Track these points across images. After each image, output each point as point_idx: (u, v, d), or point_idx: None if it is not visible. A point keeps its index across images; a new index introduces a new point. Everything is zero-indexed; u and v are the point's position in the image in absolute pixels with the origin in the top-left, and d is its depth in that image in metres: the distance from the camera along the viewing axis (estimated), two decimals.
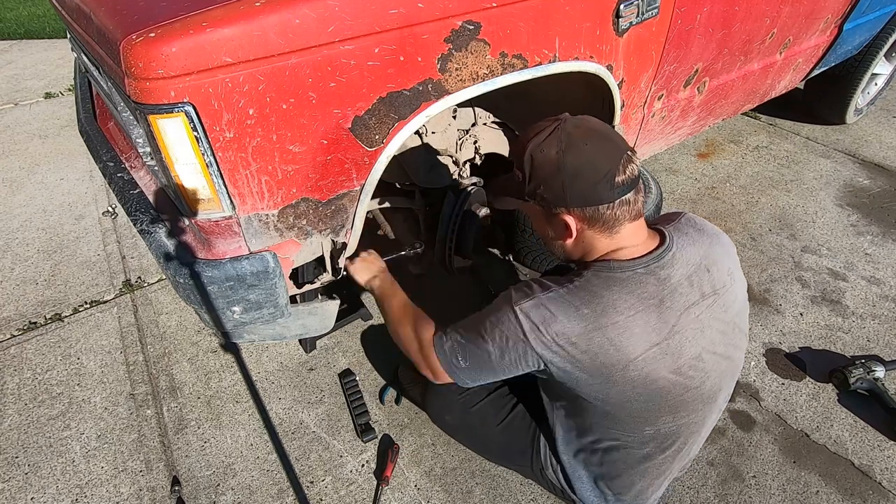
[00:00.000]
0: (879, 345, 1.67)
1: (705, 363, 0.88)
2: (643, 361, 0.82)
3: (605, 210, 0.83)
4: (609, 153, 0.82)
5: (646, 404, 0.87)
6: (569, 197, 0.83)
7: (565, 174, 0.82)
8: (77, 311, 1.82)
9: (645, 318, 0.82)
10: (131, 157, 1.28)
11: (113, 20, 0.85)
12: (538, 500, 1.30)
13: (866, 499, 1.29)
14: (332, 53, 0.85)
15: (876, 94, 2.85)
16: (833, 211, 2.25)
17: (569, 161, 0.81)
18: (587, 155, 0.81)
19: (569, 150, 0.81)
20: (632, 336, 0.82)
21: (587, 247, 0.89)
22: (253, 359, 1.65)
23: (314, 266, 1.16)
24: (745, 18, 1.51)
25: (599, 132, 0.84)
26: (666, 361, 0.84)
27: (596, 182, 0.81)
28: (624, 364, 0.82)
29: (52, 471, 1.37)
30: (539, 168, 0.85)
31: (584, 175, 0.81)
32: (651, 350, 0.82)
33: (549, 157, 0.83)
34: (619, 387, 0.84)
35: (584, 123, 0.85)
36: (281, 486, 1.33)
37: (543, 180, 0.84)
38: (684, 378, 0.86)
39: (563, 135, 0.83)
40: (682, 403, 0.88)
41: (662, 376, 0.84)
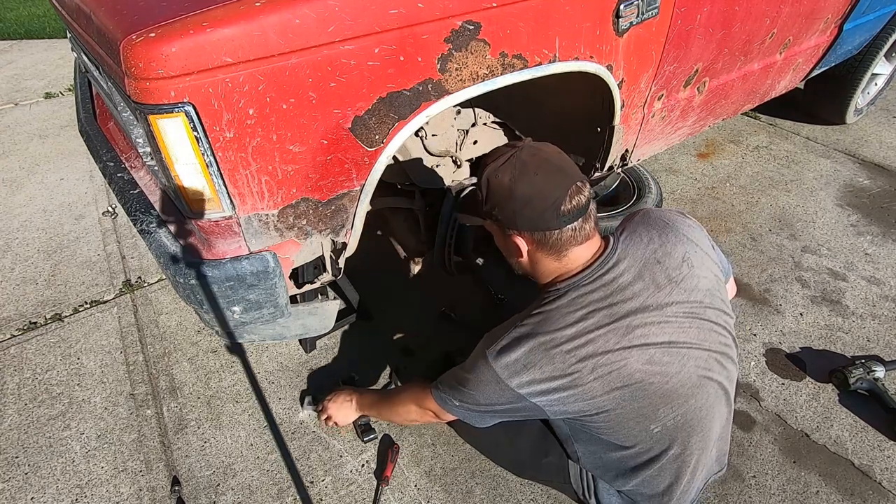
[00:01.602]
0: (879, 345, 1.67)
1: (679, 347, 0.90)
2: (608, 361, 0.86)
3: (552, 235, 0.89)
4: (558, 183, 0.87)
5: (637, 401, 0.89)
6: (518, 221, 0.90)
7: (516, 200, 0.88)
8: (77, 311, 1.82)
9: (595, 322, 0.87)
10: (131, 157, 1.28)
11: (113, 20, 0.85)
12: (538, 500, 1.30)
13: (866, 499, 1.29)
14: (332, 53, 0.85)
15: (876, 94, 2.85)
16: (833, 211, 2.25)
17: (519, 189, 0.88)
18: (536, 184, 0.87)
19: (520, 178, 0.88)
20: (588, 342, 0.86)
21: (539, 267, 0.96)
22: (253, 359, 1.64)
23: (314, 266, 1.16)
24: (745, 18, 1.51)
25: (552, 162, 0.89)
26: (634, 355, 0.87)
27: (543, 210, 0.87)
28: (590, 369, 0.86)
29: (52, 471, 1.37)
30: (493, 192, 0.91)
31: (533, 203, 0.87)
32: (614, 351, 0.86)
33: (503, 182, 0.89)
34: (601, 394, 0.88)
35: (540, 153, 0.90)
36: (281, 486, 1.33)
37: (497, 204, 0.91)
38: (661, 366, 0.88)
39: (517, 162, 0.89)
40: (672, 391, 0.90)
41: (636, 369, 0.87)
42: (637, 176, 2.08)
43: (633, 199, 2.02)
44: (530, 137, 0.95)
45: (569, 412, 0.91)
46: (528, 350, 0.88)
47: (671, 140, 1.80)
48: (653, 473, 0.98)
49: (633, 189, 2.05)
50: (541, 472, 1.18)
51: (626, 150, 1.56)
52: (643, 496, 1.02)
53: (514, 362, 0.88)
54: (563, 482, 1.14)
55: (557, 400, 0.89)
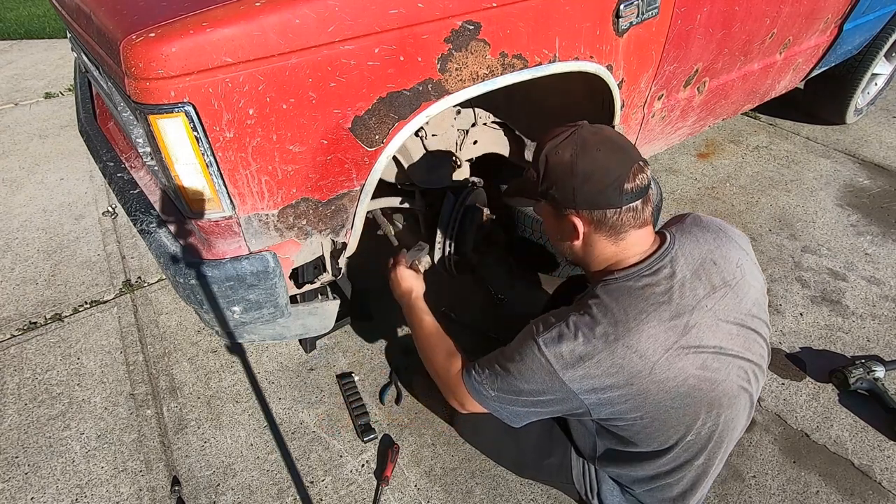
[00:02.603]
0: (879, 345, 1.67)
1: (727, 354, 0.88)
2: (667, 361, 0.83)
3: (612, 215, 0.86)
4: (620, 161, 0.85)
5: (683, 408, 0.87)
6: (578, 199, 0.86)
7: (576, 177, 0.85)
8: (77, 311, 1.82)
9: (658, 317, 0.83)
10: (131, 157, 1.28)
11: (113, 20, 0.85)
12: (538, 500, 1.30)
13: (866, 499, 1.29)
14: (332, 53, 0.85)
15: (876, 94, 2.85)
16: (833, 211, 2.25)
17: (581, 164, 0.85)
18: (599, 160, 0.84)
19: (582, 154, 0.85)
20: (650, 338, 0.82)
21: (593, 251, 0.92)
22: (253, 359, 1.64)
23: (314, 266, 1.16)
24: (745, 18, 1.51)
25: (614, 141, 0.87)
26: (689, 358, 0.84)
27: (605, 187, 0.84)
28: (649, 368, 0.82)
29: (52, 471, 1.37)
30: (552, 169, 0.88)
31: (594, 179, 0.84)
32: (672, 349, 0.83)
33: (563, 159, 0.86)
34: (653, 396, 0.85)
35: (601, 131, 0.88)
36: (281, 486, 1.33)
37: (555, 181, 0.88)
38: (711, 372, 0.86)
39: (578, 139, 0.86)
40: (715, 400, 0.88)
41: (690, 374, 0.84)
42: None
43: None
44: (585, 121, 0.91)
45: (614, 413, 0.88)
46: (586, 340, 0.83)
47: (671, 140, 1.80)
48: (673, 481, 0.97)
49: None
50: (542, 472, 1.18)
51: None
52: (655, 499, 1.01)
53: (570, 352, 0.84)
54: (566, 482, 1.14)
55: (608, 399, 0.85)
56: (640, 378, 0.83)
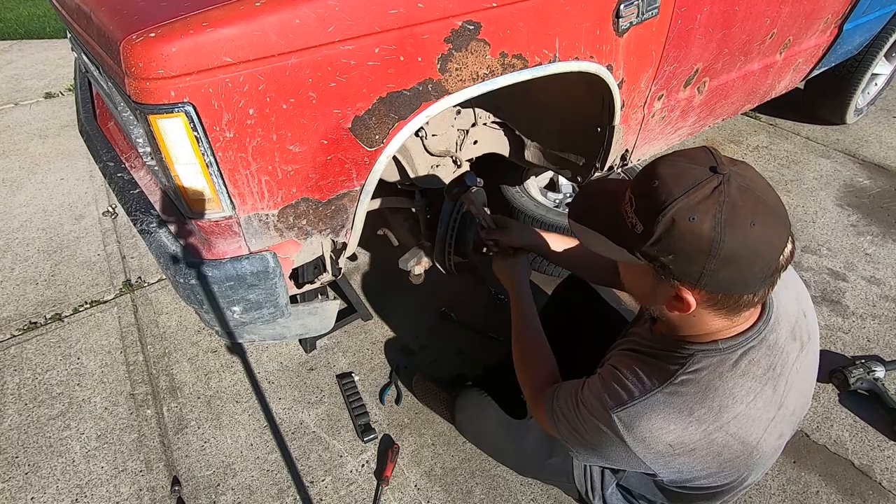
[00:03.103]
0: (879, 345, 1.67)
1: (800, 412, 0.82)
2: (764, 442, 0.75)
3: (743, 298, 0.67)
4: (777, 235, 0.63)
5: (747, 475, 0.81)
6: (705, 281, 0.65)
7: (715, 257, 0.62)
8: (77, 311, 1.82)
9: (763, 398, 0.73)
10: (131, 157, 1.28)
11: (113, 20, 0.85)
12: (538, 500, 1.30)
13: (866, 499, 1.29)
14: (332, 53, 0.85)
15: (876, 94, 2.85)
16: (833, 211, 2.25)
17: (727, 244, 0.61)
18: (752, 239, 0.62)
19: (730, 228, 0.61)
20: (754, 422, 0.73)
21: (696, 324, 0.73)
22: (253, 359, 1.64)
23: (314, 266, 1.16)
24: (745, 18, 1.51)
25: (768, 203, 0.63)
26: (776, 430, 0.77)
27: (750, 273, 0.64)
28: (748, 453, 0.74)
29: (52, 471, 1.37)
30: (680, 238, 0.63)
31: (740, 265, 0.63)
32: (770, 426, 0.75)
33: (701, 230, 0.62)
34: (737, 473, 0.78)
35: (753, 186, 0.63)
36: (281, 486, 1.33)
37: (678, 253, 0.64)
38: (781, 439, 0.80)
39: (725, 203, 0.61)
40: (769, 458, 0.83)
41: (770, 445, 0.77)
42: None
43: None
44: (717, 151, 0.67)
45: (673, 476, 0.79)
46: (678, 428, 0.71)
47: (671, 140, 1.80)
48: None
49: None
50: (544, 472, 1.18)
51: (626, 151, 1.56)
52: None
53: (654, 438, 0.72)
54: (566, 482, 1.14)
55: (690, 477, 0.77)
56: (736, 463, 0.75)
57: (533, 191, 1.85)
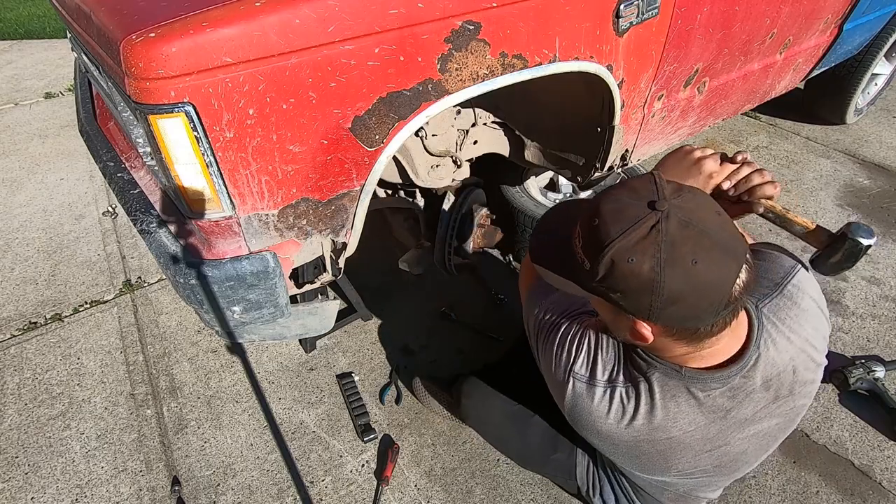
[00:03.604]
0: (879, 345, 1.67)
1: (751, 447, 0.83)
2: (687, 465, 0.80)
3: (700, 331, 0.66)
4: (724, 271, 0.60)
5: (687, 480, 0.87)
6: (655, 317, 0.64)
7: (658, 297, 0.61)
8: (77, 311, 1.82)
9: (704, 433, 0.75)
10: (131, 157, 1.28)
11: (113, 20, 0.85)
12: (538, 501, 1.30)
13: (866, 499, 1.29)
14: (332, 53, 0.85)
15: (876, 94, 2.85)
16: (833, 211, 2.25)
17: (668, 284, 0.60)
18: (695, 278, 0.59)
19: (670, 267, 0.59)
20: (685, 449, 0.77)
21: (659, 348, 0.73)
22: (253, 359, 1.64)
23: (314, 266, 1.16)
24: (745, 18, 1.51)
25: (713, 236, 0.60)
26: (709, 461, 0.81)
27: (698, 309, 0.62)
28: (664, 469, 0.81)
29: (52, 471, 1.37)
30: (622, 278, 0.62)
31: (685, 302, 0.61)
32: (699, 457, 0.79)
33: (641, 271, 0.60)
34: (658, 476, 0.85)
35: (695, 220, 0.60)
36: (281, 486, 1.33)
37: (623, 291, 0.63)
38: (728, 463, 0.84)
39: (664, 242, 0.59)
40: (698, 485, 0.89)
41: (702, 468, 0.83)
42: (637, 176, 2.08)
43: None
44: (665, 179, 0.65)
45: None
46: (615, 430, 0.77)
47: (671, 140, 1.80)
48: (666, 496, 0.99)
49: None
50: (547, 466, 1.18)
51: (626, 151, 1.56)
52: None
53: (589, 421, 0.79)
54: (568, 478, 1.14)
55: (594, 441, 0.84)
56: (649, 468, 0.82)
57: (533, 191, 1.85)
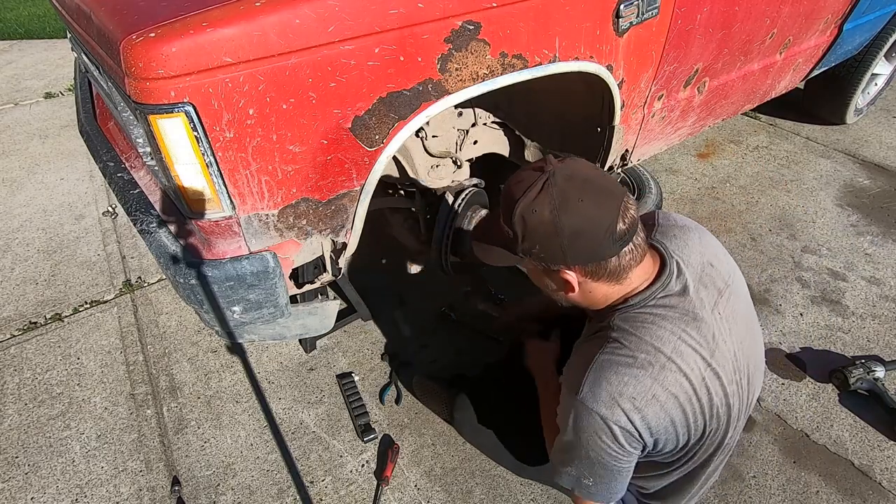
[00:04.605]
0: (879, 345, 1.67)
1: (744, 359, 0.87)
2: (709, 380, 0.81)
3: (610, 263, 0.79)
4: (606, 205, 0.76)
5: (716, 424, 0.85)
6: (568, 257, 0.78)
7: (563, 236, 0.76)
8: (77, 311, 1.82)
9: (690, 338, 0.80)
10: (131, 157, 1.28)
11: (113, 20, 0.85)
12: (538, 500, 1.30)
13: (866, 499, 1.29)
14: (332, 53, 0.85)
15: (876, 94, 2.85)
16: (833, 211, 2.25)
17: (565, 222, 0.75)
18: (584, 212, 0.75)
19: (564, 209, 0.75)
20: (690, 358, 0.79)
21: (594, 296, 0.85)
22: (253, 359, 1.65)
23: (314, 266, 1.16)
24: (745, 18, 1.51)
25: (593, 182, 0.77)
26: (721, 371, 0.82)
27: (598, 239, 0.76)
28: (696, 387, 0.80)
29: (52, 471, 1.37)
30: (532, 231, 0.77)
31: (585, 234, 0.76)
32: (710, 367, 0.81)
33: (543, 218, 0.76)
34: (703, 418, 0.83)
35: (576, 173, 0.77)
36: (281, 486, 1.33)
37: (538, 242, 0.78)
38: (739, 377, 0.85)
39: (554, 192, 0.75)
40: (738, 414, 0.87)
41: (728, 391, 0.83)
42: (637, 176, 2.09)
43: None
44: (551, 154, 0.82)
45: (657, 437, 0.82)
46: (635, 380, 0.77)
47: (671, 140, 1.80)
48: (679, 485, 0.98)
49: (634, 189, 2.06)
50: (543, 473, 1.18)
51: (626, 151, 1.56)
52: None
53: (620, 398, 0.77)
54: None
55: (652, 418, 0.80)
56: (690, 403, 0.80)
57: None
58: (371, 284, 1.88)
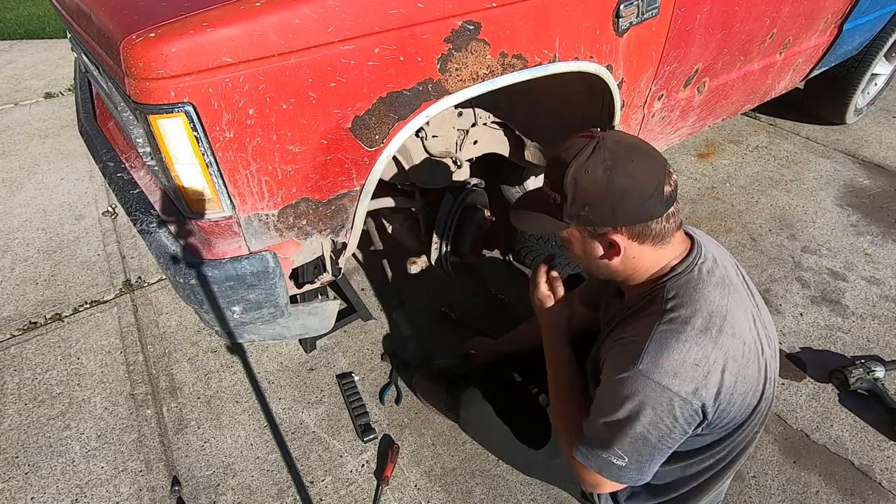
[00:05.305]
0: (879, 345, 1.67)
1: (771, 327, 0.91)
2: (758, 342, 0.84)
3: (656, 225, 0.82)
4: (654, 167, 0.80)
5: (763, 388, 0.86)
6: (619, 216, 0.80)
7: (615, 194, 0.79)
8: (77, 311, 1.82)
9: (733, 298, 0.83)
10: (131, 157, 1.28)
11: (113, 20, 0.85)
12: (538, 500, 1.30)
13: (866, 499, 1.29)
14: (332, 53, 0.85)
15: (876, 94, 2.85)
16: (833, 211, 2.25)
17: (618, 180, 0.78)
18: (635, 172, 0.79)
19: (616, 168, 0.78)
20: (740, 320, 0.82)
21: (637, 263, 0.86)
22: (253, 359, 1.64)
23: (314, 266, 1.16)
24: (744, 18, 1.51)
25: (640, 147, 0.82)
26: (762, 331, 0.86)
27: (646, 198, 0.79)
28: (756, 353, 0.82)
29: (52, 471, 1.37)
30: (585, 190, 0.80)
31: (634, 193, 0.79)
32: (755, 326, 0.84)
33: (596, 176, 0.79)
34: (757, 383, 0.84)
35: (623, 139, 0.82)
36: (281, 486, 1.33)
37: (589, 202, 0.80)
38: (773, 351, 0.88)
39: (606, 153, 0.79)
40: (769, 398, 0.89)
41: (767, 350, 0.85)
42: None
43: None
44: (598, 129, 0.85)
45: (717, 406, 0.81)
46: (691, 343, 0.77)
47: (671, 140, 1.80)
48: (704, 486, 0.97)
49: None
50: (550, 471, 1.18)
51: None
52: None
53: (680, 364, 0.77)
54: (570, 482, 1.14)
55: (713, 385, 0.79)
56: (751, 368, 0.82)
57: None
58: (371, 284, 1.88)
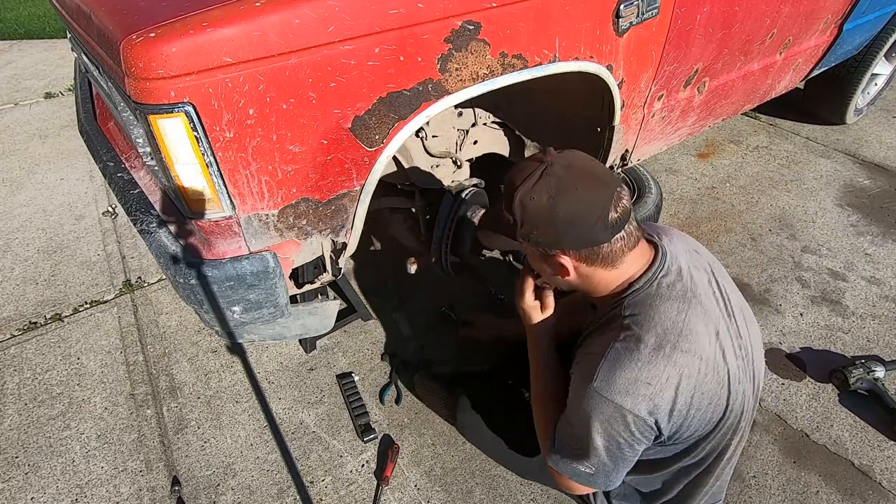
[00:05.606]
0: (879, 345, 1.67)
1: (746, 335, 0.90)
2: (719, 357, 0.83)
3: (604, 248, 0.83)
4: (600, 195, 0.81)
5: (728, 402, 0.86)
6: (564, 242, 0.83)
7: (558, 221, 0.81)
8: (77, 311, 1.82)
9: (694, 314, 0.83)
10: (131, 157, 1.28)
11: (113, 20, 0.85)
12: (538, 500, 1.30)
13: (866, 499, 1.29)
14: (332, 53, 0.85)
15: (876, 94, 2.85)
16: (833, 211, 2.25)
17: (561, 208, 0.80)
18: (579, 199, 0.80)
19: (560, 195, 0.80)
20: (698, 336, 0.82)
21: (592, 280, 0.89)
22: (253, 359, 1.64)
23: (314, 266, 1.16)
24: (745, 18, 1.51)
25: (589, 172, 0.83)
26: (727, 345, 0.85)
27: (591, 225, 0.81)
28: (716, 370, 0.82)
29: (52, 471, 1.37)
30: (530, 215, 0.82)
31: (579, 220, 0.80)
32: (718, 342, 0.84)
33: (541, 203, 0.81)
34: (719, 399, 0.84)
35: (573, 163, 0.83)
36: (281, 486, 1.33)
37: (536, 226, 0.83)
38: (744, 353, 0.88)
39: (552, 180, 0.81)
40: (753, 394, 0.89)
41: (733, 363, 0.85)
42: (637, 176, 2.08)
43: (633, 199, 2.02)
44: (551, 147, 0.87)
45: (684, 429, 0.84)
46: (643, 362, 0.79)
47: (671, 140, 1.80)
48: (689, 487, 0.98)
49: (633, 189, 2.05)
50: (545, 476, 1.18)
51: (626, 151, 1.56)
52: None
53: (635, 385, 0.79)
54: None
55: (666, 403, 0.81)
56: (710, 385, 0.82)
57: None
58: (371, 284, 1.88)
